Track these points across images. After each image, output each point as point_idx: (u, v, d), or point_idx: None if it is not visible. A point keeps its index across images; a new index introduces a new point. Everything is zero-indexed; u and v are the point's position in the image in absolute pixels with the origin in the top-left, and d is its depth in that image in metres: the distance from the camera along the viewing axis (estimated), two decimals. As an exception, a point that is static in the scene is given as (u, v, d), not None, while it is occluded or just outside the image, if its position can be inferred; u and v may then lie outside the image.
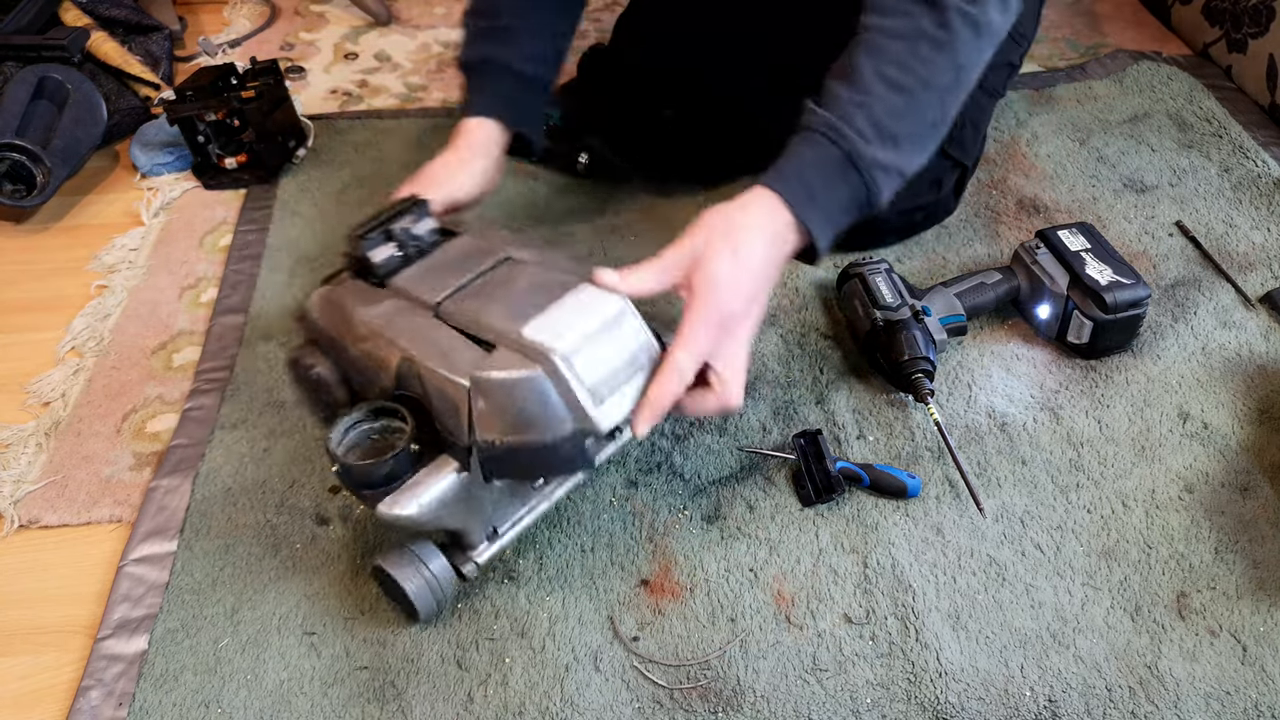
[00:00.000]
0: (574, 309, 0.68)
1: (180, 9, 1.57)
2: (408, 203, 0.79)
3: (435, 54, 1.50)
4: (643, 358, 0.70)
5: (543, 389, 0.65)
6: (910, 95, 0.75)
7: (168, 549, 0.81)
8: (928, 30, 0.75)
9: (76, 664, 0.74)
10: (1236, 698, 0.70)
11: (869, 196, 0.76)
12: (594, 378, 0.66)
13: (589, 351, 0.66)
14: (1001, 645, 0.73)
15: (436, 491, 0.68)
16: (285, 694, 0.71)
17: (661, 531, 0.81)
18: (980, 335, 0.98)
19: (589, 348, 0.66)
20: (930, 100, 0.76)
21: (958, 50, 0.76)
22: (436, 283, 0.74)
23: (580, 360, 0.66)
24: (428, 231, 0.79)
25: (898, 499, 0.83)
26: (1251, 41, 1.29)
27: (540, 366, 0.65)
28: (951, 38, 0.75)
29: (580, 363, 0.66)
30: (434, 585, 0.72)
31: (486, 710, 0.70)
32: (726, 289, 0.71)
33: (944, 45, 0.75)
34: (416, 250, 0.78)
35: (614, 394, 0.68)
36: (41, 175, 1.14)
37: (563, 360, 0.65)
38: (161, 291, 1.07)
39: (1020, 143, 1.23)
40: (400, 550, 0.73)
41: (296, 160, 1.25)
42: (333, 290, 0.77)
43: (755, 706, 0.70)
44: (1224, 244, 1.07)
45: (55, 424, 0.93)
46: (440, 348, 0.69)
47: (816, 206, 0.75)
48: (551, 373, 0.65)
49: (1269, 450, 0.86)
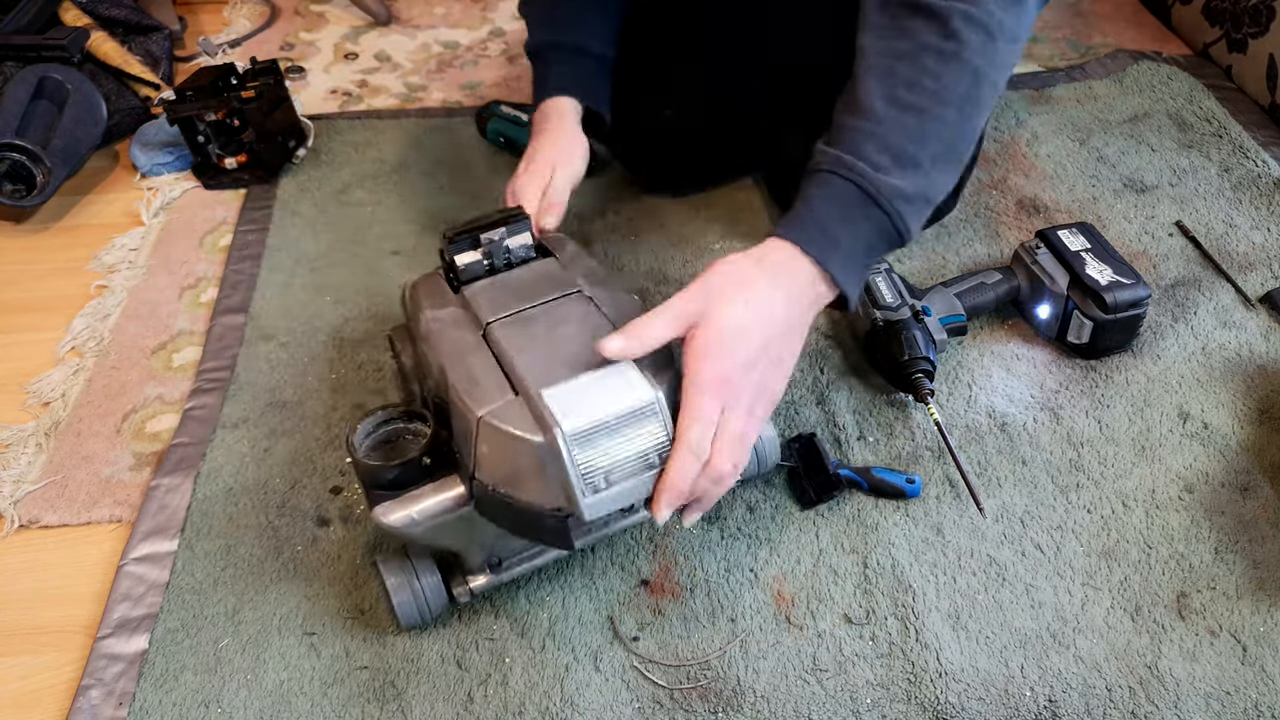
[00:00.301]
0: (601, 388, 0.65)
1: (180, 9, 1.57)
2: (510, 214, 0.79)
3: (435, 54, 1.50)
4: (656, 459, 0.65)
5: (540, 457, 0.63)
6: (924, 115, 0.69)
7: (168, 548, 0.81)
8: (932, 43, 0.69)
9: (76, 664, 0.74)
10: (1236, 698, 0.70)
11: (896, 231, 0.71)
12: (592, 466, 0.63)
13: (597, 439, 0.63)
14: (1001, 645, 0.73)
15: (434, 510, 0.68)
16: (285, 694, 0.71)
17: (661, 532, 0.81)
18: (980, 335, 0.98)
19: (598, 436, 0.63)
20: (947, 116, 0.70)
21: (969, 57, 0.70)
22: (499, 302, 0.73)
23: (583, 445, 0.63)
24: (521, 247, 0.79)
25: (898, 500, 0.83)
26: (1252, 41, 1.29)
27: (544, 435, 0.63)
28: (960, 47, 0.69)
29: (582, 448, 0.63)
30: (420, 599, 0.72)
31: (486, 710, 0.70)
32: (733, 337, 0.65)
33: (953, 56, 0.69)
34: (504, 263, 0.78)
35: (612, 487, 0.64)
36: (41, 175, 1.14)
37: (564, 440, 0.62)
38: (161, 291, 1.07)
39: (1020, 143, 1.23)
40: (400, 556, 0.73)
41: (296, 160, 1.25)
42: (422, 281, 0.79)
43: (755, 707, 0.70)
44: (1224, 244, 1.07)
45: (55, 424, 0.93)
46: (471, 372, 0.68)
47: (839, 251, 0.69)
48: (551, 445, 0.63)
49: (1269, 450, 0.86)
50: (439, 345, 0.71)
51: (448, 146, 1.27)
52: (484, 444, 0.65)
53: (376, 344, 0.98)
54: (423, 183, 1.21)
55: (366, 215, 1.16)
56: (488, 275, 0.78)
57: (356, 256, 1.10)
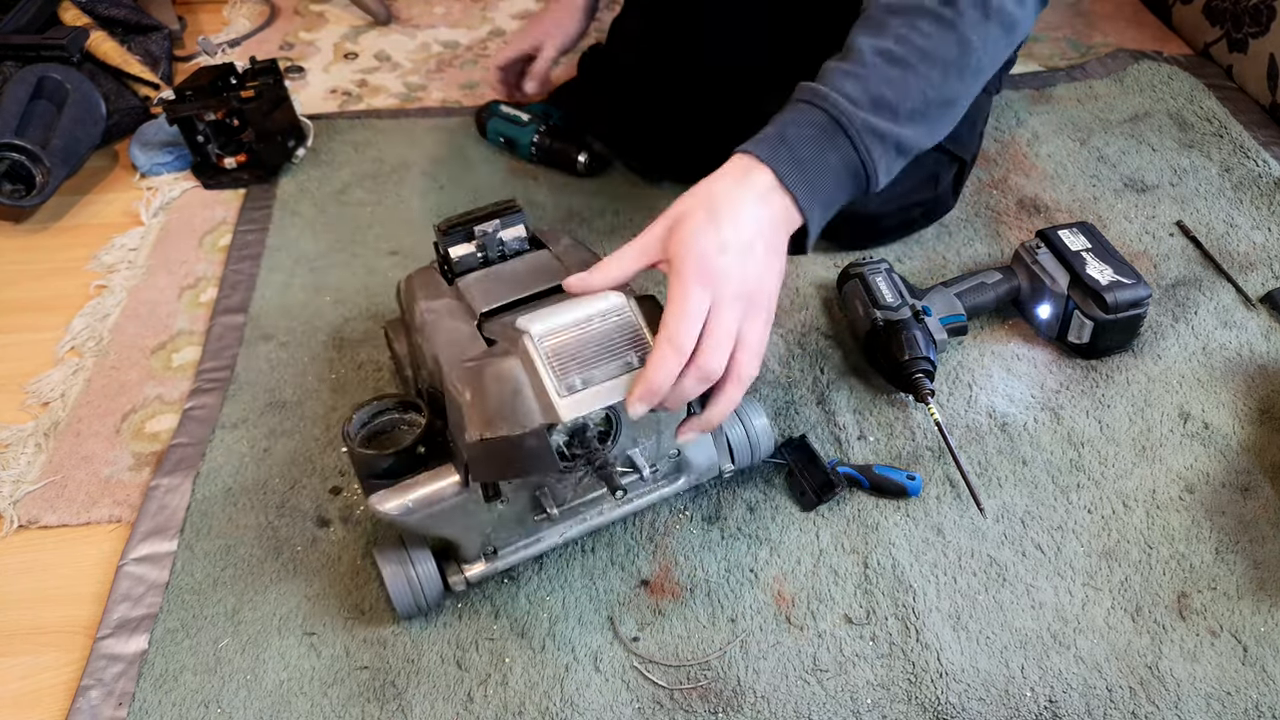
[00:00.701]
0: (573, 305, 0.66)
1: (180, 8, 1.57)
2: (502, 205, 0.79)
3: (435, 53, 1.50)
4: (634, 358, 0.65)
5: (516, 376, 0.64)
6: (908, 68, 0.70)
7: (168, 548, 0.81)
8: (930, 6, 0.71)
9: (76, 664, 0.74)
10: (1237, 698, 0.70)
11: (863, 167, 0.70)
12: (565, 364, 0.63)
13: (566, 336, 0.64)
14: (1002, 645, 0.73)
15: (429, 498, 0.69)
16: (285, 694, 0.71)
17: (662, 531, 0.81)
18: (980, 335, 0.98)
19: (568, 337, 0.64)
20: (931, 74, 0.71)
21: (963, 28, 0.71)
22: (493, 293, 0.74)
23: (552, 342, 0.63)
24: (514, 239, 0.79)
25: (898, 499, 0.83)
26: (1252, 41, 1.29)
27: (517, 354, 0.64)
28: (956, 16, 0.71)
29: (551, 344, 0.63)
30: (416, 587, 0.72)
31: (486, 710, 0.70)
32: (706, 243, 0.63)
33: (948, 22, 0.71)
34: (498, 255, 0.78)
35: (589, 387, 0.64)
36: (41, 175, 1.14)
37: (534, 342, 0.63)
38: (161, 291, 1.07)
39: (1020, 142, 1.23)
40: (396, 545, 0.73)
41: (296, 160, 1.25)
42: (418, 274, 0.79)
43: (755, 707, 0.70)
44: (1225, 244, 1.07)
45: (54, 424, 0.92)
46: (464, 356, 0.68)
47: (804, 173, 0.68)
48: (522, 355, 0.63)
49: (1270, 450, 0.86)
50: (433, 336, 0.71)
51: (447, 146, 1.27)
52: (468, 391, 0.65)
53: (376, 344, 0.98)
54: (422, 182, 1.21)
55: (366, 215, 1.16)
56: (482, 267, 0.78)
57: (356, 256, 1.10)
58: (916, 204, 1.06)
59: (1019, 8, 0.74)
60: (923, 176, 1.04)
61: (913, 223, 1.08)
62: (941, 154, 1.04)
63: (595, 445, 0.68)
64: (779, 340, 0.98)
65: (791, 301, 1.02)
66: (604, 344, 0.65)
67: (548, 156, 1.21)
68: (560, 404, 0.63)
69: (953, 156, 1.05)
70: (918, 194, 1.05)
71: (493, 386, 0.64)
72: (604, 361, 0.65)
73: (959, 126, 1.02)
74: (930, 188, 1.06)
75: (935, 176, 1.06)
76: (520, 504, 0.73)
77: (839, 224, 1.05)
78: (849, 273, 0.98)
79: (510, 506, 0.72)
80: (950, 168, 1.06)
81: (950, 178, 1.07)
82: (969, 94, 0.75)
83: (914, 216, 1.08)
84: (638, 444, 0.74)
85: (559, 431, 0.66)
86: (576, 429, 0.67)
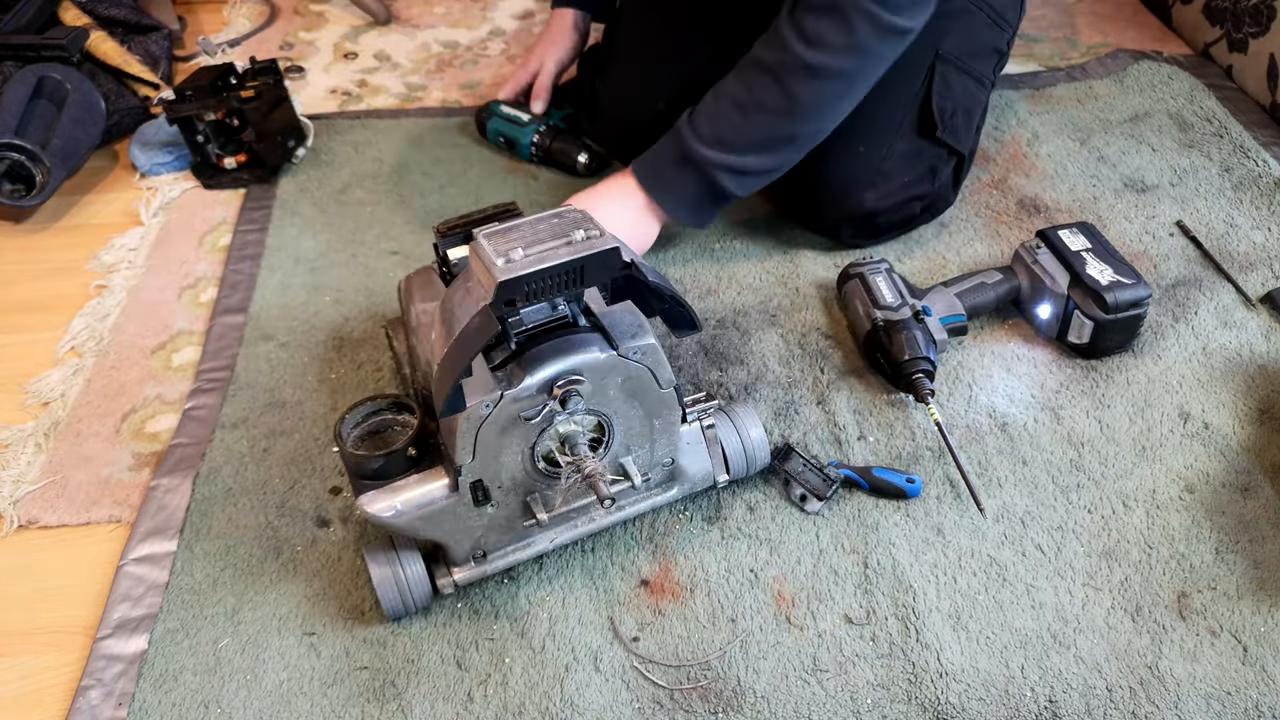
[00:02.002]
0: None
1: (180, 8, 1.57)
2: (502, 207, 0.79)
3: (435, 53, 1.50)
4: (580, 233, 0.64)
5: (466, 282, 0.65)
6: (746, 114, 0.93)
7: (168, 548, 0.81)
8: (770, 64, 0.91)
9: (76, 664, 0.74)
10: (1237, 698, 0.70)
11: (718, 188, 0.95)
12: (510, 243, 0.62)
13: (513, 231, 0.63)
14: (1002, 645, 0.73)
15: (416, 500, 0.69)
16: (285, 694, 0.71)
17: (662, 532, 0.81)
18: (980, 335, 0.98)
19: (515, 231, 0.63)
20: (760, 119, 0.93)
21: (790, 85, 0.91)
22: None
23: (496, 230, 0.63)
24: None
25: (898, 500, 0.83)
26: (1252, 41, 1.29)
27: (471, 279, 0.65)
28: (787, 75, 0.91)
29: (495, 231, 0.63)
30: (403, 587, 0.72)
31: (486, 710, 0.70)
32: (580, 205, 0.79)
33: (780, 79, 0.91)
34: None
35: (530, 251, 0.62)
36: (41, 175, 1.14)
37: (481, 237, 0.63)
38: (161, 291, 1.07)
39: (1020, 142, 1.23)
40: (386, 546, 0.73)
41: (296, 160, 1.25)
42: (416, 275, 0.80)
43: (755, 707, 0.70)
44: (1225, 244, 1.07)
45: (54, 424, 0.92)
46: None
47: (668, 191, 0.97)
48: (472, 253, 0.63)
49: (1270, 450, 0.86)
50: (427, 338, 0.71)
51: (447, 146, 1.27)
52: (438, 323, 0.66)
53: (376, 344, 0.98)
54: (422, 182, 1.21)
55: (366, 215, 1.16)
56: None
57: (356, 256, 1.10)
58: (916, 198, 1.06)
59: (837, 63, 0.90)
60: (920, 171, 1.04)
61: (913, 218, 1.08)
62: (939, 147, 1.04)
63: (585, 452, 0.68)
64: (779, 340, 0.98)
65: (791, 301, 1.02)
66: (551, 230, 0.64)
67: (548, 156, 1.21)
68: (500, 269, 0.61)
69: (950, 150, 1.05)
70: (916, 188, 1.05)
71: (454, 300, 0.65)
72: (548, 239, 0.63)
73: (954, 119, 1.04)
74: (928, 182, 1.06)
75: (934, 170, 1.05)
76: (510, 509, 0.73)
77: (838, 221, 1.06)
78: (849, 273, 0.98)
79: (499, 511, 0.72)
80: (949, 162, 1.06)
81: (949, 172, 1.07)
82: (812, 131, 0.95)
83: (914, 211, 1.07)
84: (630, 451, 0.74)
85: (549, 437, 0.66)
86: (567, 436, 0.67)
